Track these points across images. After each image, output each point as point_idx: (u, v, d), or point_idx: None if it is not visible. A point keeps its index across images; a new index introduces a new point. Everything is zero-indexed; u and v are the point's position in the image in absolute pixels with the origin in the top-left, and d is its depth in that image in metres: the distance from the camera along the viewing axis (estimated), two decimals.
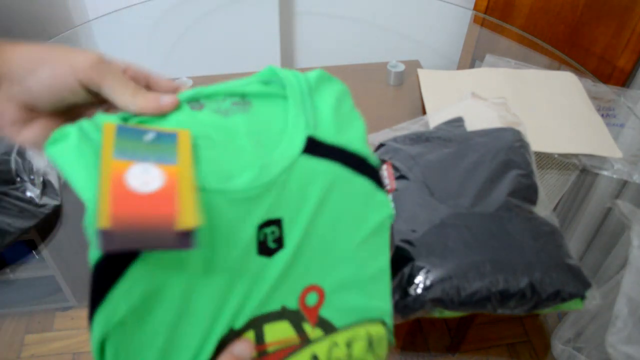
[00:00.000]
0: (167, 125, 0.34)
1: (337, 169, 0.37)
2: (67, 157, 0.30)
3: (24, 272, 0.68)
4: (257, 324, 0.35)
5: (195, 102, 0.35)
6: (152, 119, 0.34)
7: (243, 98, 0.37)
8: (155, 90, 0.36)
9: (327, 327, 0.38)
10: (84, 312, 0.66)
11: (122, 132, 0.30)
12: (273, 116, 0.38)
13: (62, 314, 0.65)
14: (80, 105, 0.35)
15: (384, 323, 0.41)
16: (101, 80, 0.32)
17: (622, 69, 1.18)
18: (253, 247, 0.34)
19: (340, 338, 0.39)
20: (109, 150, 0.29)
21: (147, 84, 0.36)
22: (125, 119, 0.33)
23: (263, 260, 0.35)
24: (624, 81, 1.19)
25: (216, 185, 0.32)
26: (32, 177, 0.74)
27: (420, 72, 0.99)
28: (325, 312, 0.38)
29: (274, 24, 1.27)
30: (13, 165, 0.73)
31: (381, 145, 0.72)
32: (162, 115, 0.33)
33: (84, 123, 0.32)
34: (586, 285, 0.55)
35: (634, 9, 1.11)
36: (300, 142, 0.36)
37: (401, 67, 0.99)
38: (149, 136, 0.31)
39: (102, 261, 0.29)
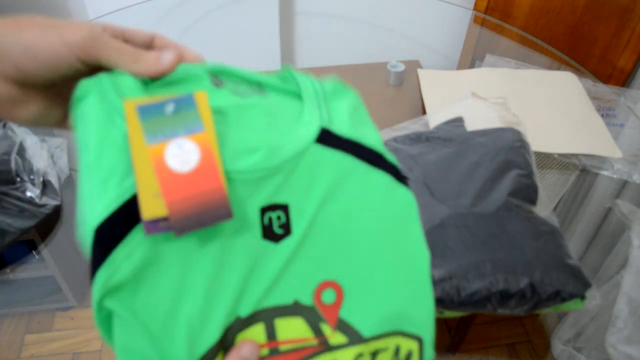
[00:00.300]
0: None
1: (350, 161, 0.36)
2: (84, 119, 0.31)
3: (24, 272, 0.68)
4: (266, 316, 0.34)
5: (215, 76, 0.35)
6: (173, 85, 0.34)
7: (260, 87, 0.37)
8: (133, 40, 0.37)
9: (352, 334, 0.36)
10: (84, 312, 0.66)
11: (144, 111, 0.31)
12: (288, 106, 0.37)
13: (62, 314, 0.65)
14: (77, 78, 0.35)
15: (420, 341, 0.38)
16: (99, 54, 0.32)
17: (622, 69, 1.18)
18: (256, 229, 0.33)
19: (367, 349, 0.36)
20: (138, 136, 0.30)
21: (123, 36, 0.36)
22: (145, 83, 0.33)
23: (268, 244, 0.34)
24: (624, 81, 1.19)
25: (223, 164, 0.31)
26: (32, 177, 0.74)
27: (420, 72, 0.99)
28: (348, 316, 0.36)
29: (274, 24, 1.27)
30: (13, 165, 0.73)
31: None
32: (165, 74, 0.33)
33: (104, 78, 0.32)
34: (586, 285, 0.55)
35: (634, 9, 1.11)
36: (314, 132, 0.35)
37: (401, 67, 0.99)
38: (170, 107, 0.31)
39: (103, 226, 0.29)
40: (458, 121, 0.77)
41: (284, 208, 0.34)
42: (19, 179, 0.73)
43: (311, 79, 0.39)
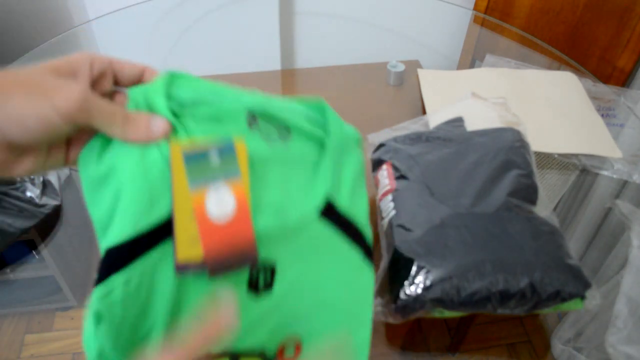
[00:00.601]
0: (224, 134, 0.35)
1: (339, 239, 0.40)
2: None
3: (24, 272, 0.68)
4: (233, 355, 0.36)
5: (252, 116, 0.37)
6: (212, 120, 0.35)
7: (287, 130, 0.40)
8: (121, 75, 0.36)
9: None
10: (84, 312, 0.66)
11: (190, 158, 0.32)
12: (308, 157, 0.40)
13: (62, 314, 0.65)
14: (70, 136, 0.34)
15: None
16: (89, 119, 0.31)
17: (622, 69, 1.18)
18: (244, 281, 0.36)
19: None
20: (182, 180, 0.32)
21: (112, 70, 0.35)
22: (181, 106, 0.34)
23: (250, 296, 0.36)
24: (624, 81, 1.19)
25: None
26: (32, 177, 0.74)
27: (420, 72, 0.99)
28: None
29: (274, 24, 1.27)
30: None
31: (381, 145, 0.72)
32: (152, 142, 0.33)
33: (138, 97, 0.34)
34: (586, 285, 0.55)
35: (634, 9, 1.11)
36: (320, 203, 0.38)
37: (401, 67, 0.99)
38: (214, 155, 0.33)
39: (113, 250, 0.31)
40: (458, 121, 0.77)
41: (272, 266, 0.37)
42: (19, 179, 0.73)
43: (341, 124, 0.42)
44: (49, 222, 0.71)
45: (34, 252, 0.70)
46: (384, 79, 1.01)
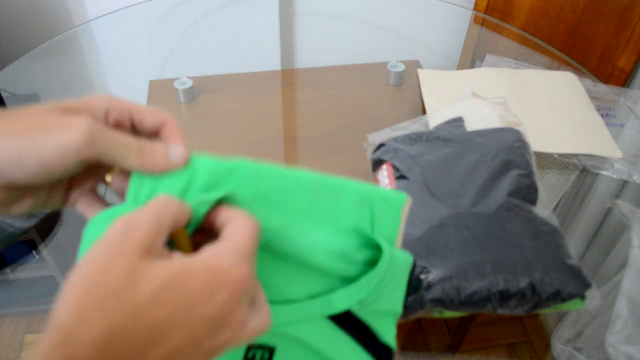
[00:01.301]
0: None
1: (350, 342, 0.38)
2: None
3: (24, 272, 0.68)
4: None
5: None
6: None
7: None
8: (140, 125, 0.33)
9: None
10: None
11: None
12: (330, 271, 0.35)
13: None
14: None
15: None
16: (100, 154, 0.29)
17: (622, 69, 1.18)
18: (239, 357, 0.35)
19: None
20: None
21: (130, 118, 0.33)
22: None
23: None
24: (624, 81, 1.19)
25: None
26: None
27: (420, 72, 0.99)
28: None
29: (274, 24, 1.27)
30: None
31: (381, 145, 0.72)
32: (172, 171, 0.31)
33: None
34: (586, 285, 0.55)
35: (634, 9, 1.11)
36: (333, 312, 0.36)
37: (401, 67, 0.99)
38: None
39: None
40: (458, 121, 0.77)
41: (271, 350, 0.36)
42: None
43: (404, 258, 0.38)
44: (49, 222, 0.71)
45: (34, 252, 0.70)
46: (384, 79, 1.01)
